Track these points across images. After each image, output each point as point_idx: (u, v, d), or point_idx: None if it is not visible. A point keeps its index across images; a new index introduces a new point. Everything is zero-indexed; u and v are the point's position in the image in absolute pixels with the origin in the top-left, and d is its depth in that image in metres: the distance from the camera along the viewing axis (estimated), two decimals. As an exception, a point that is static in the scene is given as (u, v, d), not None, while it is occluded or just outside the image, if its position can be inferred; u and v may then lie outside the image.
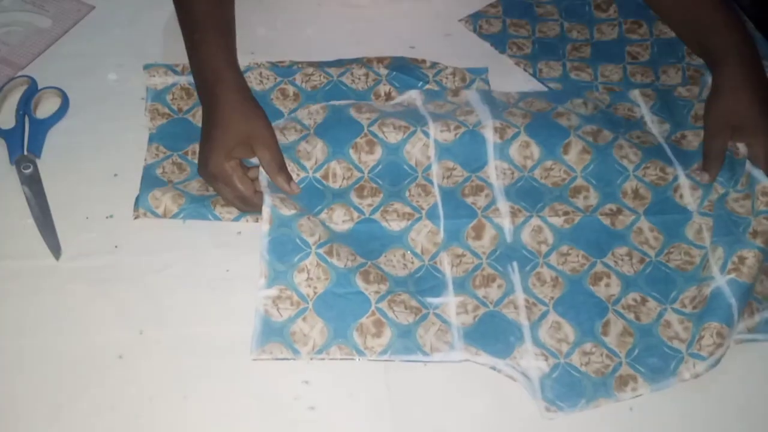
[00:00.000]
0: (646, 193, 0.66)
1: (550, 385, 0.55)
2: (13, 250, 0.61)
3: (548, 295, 0.60)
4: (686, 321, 0.59)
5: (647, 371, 0.56)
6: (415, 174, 0.67)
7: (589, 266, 0.62)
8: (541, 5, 0.86)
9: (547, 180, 0.67)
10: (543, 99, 0.74)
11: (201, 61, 0.66)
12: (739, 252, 0.60)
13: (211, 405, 0.54)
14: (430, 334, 0.57)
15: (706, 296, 0.59)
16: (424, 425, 0.54)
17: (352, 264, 0.59)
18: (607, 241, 0.63)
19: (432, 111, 0.71)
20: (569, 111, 0.72)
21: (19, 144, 0.67)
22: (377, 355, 0.56)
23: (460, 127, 0.68)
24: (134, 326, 0.57)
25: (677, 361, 0.57)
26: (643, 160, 0.68)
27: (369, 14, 0.83)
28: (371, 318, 0.57)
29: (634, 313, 0.59)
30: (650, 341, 0.58)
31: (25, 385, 0.54)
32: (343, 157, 0.67)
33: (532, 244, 0.63)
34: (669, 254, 0.63)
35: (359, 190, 0.66)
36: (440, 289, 0.60)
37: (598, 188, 0.67)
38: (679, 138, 0.72)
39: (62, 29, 0.79)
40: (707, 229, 0.64)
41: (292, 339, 0.56)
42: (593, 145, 0.68)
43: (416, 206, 0.65)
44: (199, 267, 0.61)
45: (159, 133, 0.69)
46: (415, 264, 0.62)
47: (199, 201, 0.63)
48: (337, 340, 0.57)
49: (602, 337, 0.58)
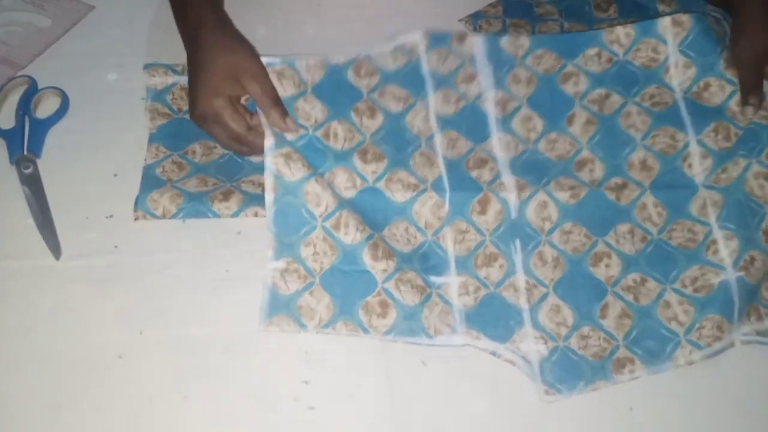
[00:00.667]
0: (653, 164, 0.65)
1: (549, 368, 0.56)
2: (13, 250, 0.61)
3: (549, 276, 0.60)
4: (686, 303, 0.59)
5: (644, 353, 0.57)
6: (418, 142, 0.66)
7: (590, 246, 0.62)
8: (540, 5, 0.86)
9: (552, 153, 0.66)
10: (554, 51, 0.70)
11: (186, 16, 0.64)
12: (751, 252, 0.60)
13: (211, 405, 0.54)
14: (434, 315, 0.57)
15: (712, 285, 0.59)
16: (424, 425, 0.54)
17: (361, 237, 0.59)
18: (611, 217, 0.63)
19: (434, 69, 0.69)
20: (579, 70, 0.69)
21: (19, 144, 0.67)
22: (382, 334, 0.57)
23: (461, 100, 0.67)
24: (134, 326, 0.57)
25: (674, 345, 0.57)
26: (652, 127, 0.66)
27: (369, 14, 0.83)
28: (377, 298, 0.58)
29: (633, 295, 0.60)
30: (648, 323, 0.58)
31: (25, 385, 0.54)
32: (344, 118, 0.66)
33: (536, 221, 0.62)
34: (672, 231, 0.62)
35: (362, 154, 0.64)
36: (442, 267, 0.60)
37: (605, 160, 0.65)
38: (702, 89, 0.68)
39: (62, 29, 0.78)
40: (711, 204, 0.63)
41: (299, 313, 0.57)
42: (598, 116, 0.67)
43: (421, 177, 0.64)
44: (199, 267, 0.61)
45: (159, 133, 0.69)
46: (418, 239, 0.61)
47: (197, 198, 0.63)
48: (343, 316, 0.57)
49: (600, 321, 0.58)
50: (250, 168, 0.67)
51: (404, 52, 0.70)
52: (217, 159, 0.68)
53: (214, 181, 0.65)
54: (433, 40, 0.70)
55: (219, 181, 0.66)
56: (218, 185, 0.65)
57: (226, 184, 0.65)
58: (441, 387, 0.56)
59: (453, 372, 0.56)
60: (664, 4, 0.83)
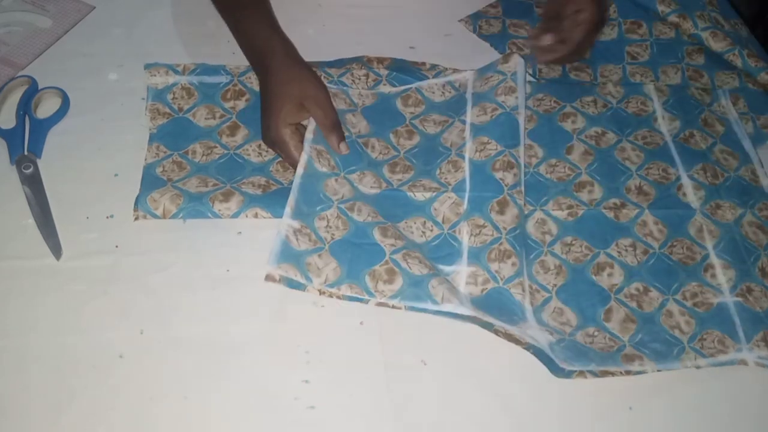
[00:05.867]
0: (650, 190, 0.67)
1: (559, 349, 0.56)
2: (13, 250, 0.61)
3: (551, 282, 0.61)
4: (687, 315, 0.59)
5: (651, 353, 0.57)
6: (449, 153, 0.68)
7: (592, 256, 0.62)
8: (541, 5, 0.86)
9: (552, 175, 0.68)
10: (553, 96, 0.75)
11: (247, 37, 0.69)
12: (748, 282, 0.61)
13: (211, 404, 0.54)
14: (443, 286, 0.58)
15: (711, 304, 0.60)
16: (424, 425, 0.54)
17: (372, 220, 0.61)
18: (612, 233, 0.64)
19: (477, 90, 0.72)
20: (576, 111, 0.73)
21: (19, 144, 0.67)
22: (387, 298, 0.57)
23: (498, 109, 0.69)
24: (135, 326, 0.57)
25: (679, 350, 0.57)
26: (645, 161, 0.69)
27: (369, 14, 0.83)
28: (385, 266, 0.59)
29: (636, 302, 0.60)
30: (653, 328, 0.58)
31: (25, 384, 0.54)
32: (383, 138, 0.69)
33: (537, 235, 0.64)
34: (672, 247, 0.63)
35: (392, 166, 0.68)
36: (454, 257, 0.61)
37: (603, 184, 0.67)
38: (687, 137, 0.72)
39: (63, 29, 0.79)
40: (708, 232, 0.64)
41: (307, 268, 0.58)
42: (595, 149, 0.70)
43: (444, 182, 0.66)
44: (200, 267, 0.61)
45: (160, 133, 0.69)
46: (434, 232, 0.63)
47: (197, 199, 0.63)
48: (349, 279, 0.58)
49: (604, 323, 0.59)
50: (251, 169, 0.67)
51: (454, 87, 0.74)
52: (217, 159, 0.68)
53: (214, 182, 0.65)
54: (480, 71, 0.74)
55: (219, 181, 0.66)
56: (218, 186, 0.65)
57: (226, 185, 0.65)
58: (441, 387, 0.56)
59: (453, 372, 0.56)
60: (663, 4, 0.83)
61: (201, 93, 0.73)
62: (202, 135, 0.70)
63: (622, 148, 0.70)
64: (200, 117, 0.71)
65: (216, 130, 0.70)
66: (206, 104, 0.72)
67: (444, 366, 0.57)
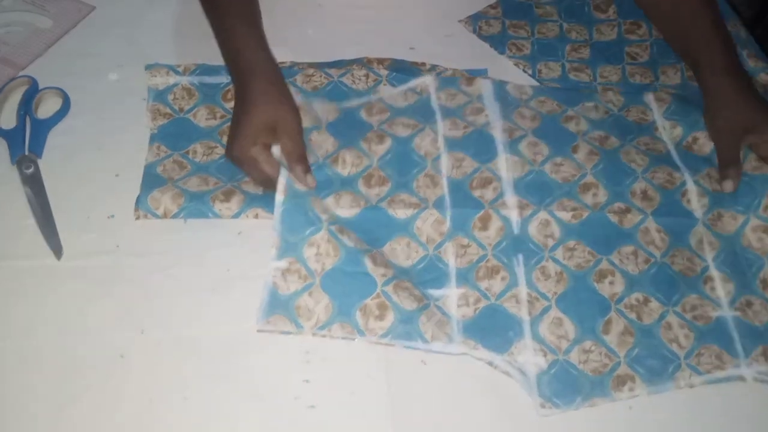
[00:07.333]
0: (654, 195, 0.66)
1: (546, 381, 0.56)
2: (14, 250, 0.61)
3: (551, 290, 0.60)
4: (687, 328, 0.59)
5: (645, 372, 0.56)
6: (424, 163, 0.67)
7: (594, 263, 0.62)
8: (540, 6, 0.87)
9: (558, 175, 0.67)
10: (555, 99, 0.74)
11: (232, 46, 0.68)
12: (748, 296, 0.61)
13: (211, 404, 0.54)
14: (431, 322, 0.57)
15: (710, 317, 0.60)
16: (424, 425, 0.54)
17: (360, 246, 0.60)
18: (615, 238, 0.63)
19: (443, 103, 0.72)
20: (579, 115, 0.73)
21: (20, 144, 0.67)
22: (378, 337, 0.57)
23: (468, 126, 0.69)
24: (135, 326, 0.57)
25: (675, 367, 0.57)
26: (650, 165, 0.68)
27: (369, 15, 0.83)
28: (376, 300, 0.58)
29: (636, 313, 0.59)
30: (650, 342, 0.58)
31: (25, 384, 0.54)
32: (355, 146, 0.68)
33: (539, 238, 0.63)
34: (673, 257, 0.63)
35: (367, 179, 0.66)
36: (443, 280, 0.60)
37: (608, 187, 0.67)
38: (691, 142, 0.71)
39: (63, 29, 0.79)
40: (708, 243, 0.64)
41: (297, 313, 0.58)
42: (600, 149, 0.69)
43: (423, 197, 0.65)
44: (201, 267, 0.61)
45: (160, 133, 0.70)
46: (419, 254, 0.62)
47: (198, 198, 0.64)
48: (341, 317, 0.57)
49: (603, 336, 0.58)
50: (251, 168, 0.67)
51: (415, 92, 0.74)
52: (217, 159, 0.68)
53: (215, 181, 0.66)
54: (442, 82, 0.74)
55: (220, 180, 0.66)
56: (219, 185, 0.65)
57: (227, 184, 0.65)
58: (441, 387, 0.56)
59: (453, 372, 0.56)
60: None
61: (201, 93, 0.73)
62: (203, 135, 0.70)
63: (626, 151, 0.69)
64: (201, 117, 0.71)
65: (216, 131, 0.70)
66: (207, 104, 0.72)
67: (444, 366, 0.57)
